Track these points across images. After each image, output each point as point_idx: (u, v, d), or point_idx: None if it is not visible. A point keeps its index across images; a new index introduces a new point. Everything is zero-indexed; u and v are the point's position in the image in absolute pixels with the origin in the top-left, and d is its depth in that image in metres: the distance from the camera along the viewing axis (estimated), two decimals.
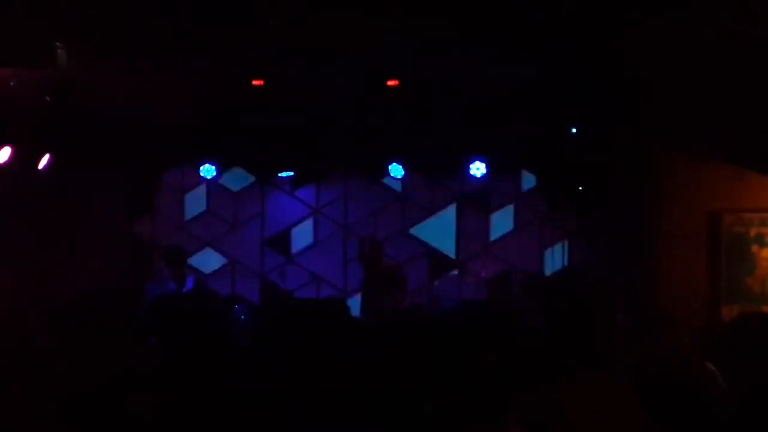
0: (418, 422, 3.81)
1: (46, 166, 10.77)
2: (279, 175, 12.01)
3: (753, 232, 9.49)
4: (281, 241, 12.53)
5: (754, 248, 9.47)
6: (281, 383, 4.22)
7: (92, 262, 10.95)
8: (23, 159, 10.38)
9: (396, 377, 4.20)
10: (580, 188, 10.77)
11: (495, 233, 12.14)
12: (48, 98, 10.07)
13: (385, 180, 12.01)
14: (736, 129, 9.12)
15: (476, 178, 11.28)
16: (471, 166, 11.15)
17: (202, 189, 12.37)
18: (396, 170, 11.34)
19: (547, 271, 11.68)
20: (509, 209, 12.12)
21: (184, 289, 9.91)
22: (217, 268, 12.38)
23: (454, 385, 3.96)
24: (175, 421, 4.13)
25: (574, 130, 10.45)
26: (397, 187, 12.20)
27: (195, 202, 12.44)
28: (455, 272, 12.11)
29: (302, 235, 12.54)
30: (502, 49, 9.06)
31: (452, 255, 12.20)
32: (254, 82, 10.17)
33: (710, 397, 5.58)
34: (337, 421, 4.03)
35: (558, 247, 11.62)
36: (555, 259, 11.65)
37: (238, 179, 12.27)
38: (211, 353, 4.51)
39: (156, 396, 4.18)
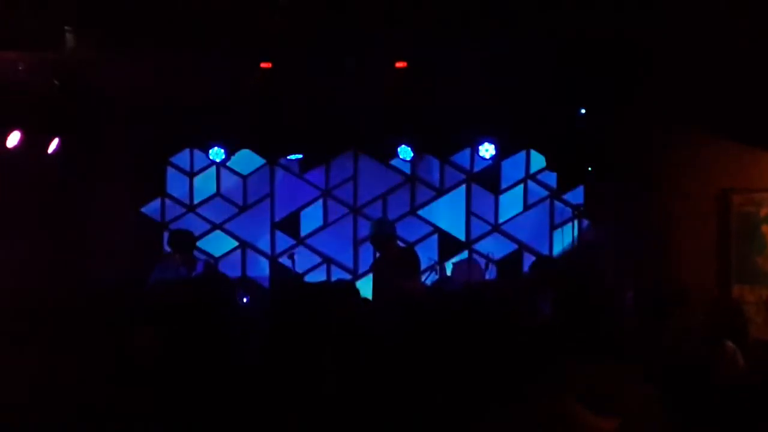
0: (428, 402, 3.82)
1: (55, 150, 10.80)
2: (288, 157, 11.99)
3: (763, 211, 9.43)
4: (291, 223, 12.51)
5: (764, 228, 9.42)
6: (291, 364, 4.23)
7: (101, 245, 10.98)
8: (32, 143, 10.40)
9: (406, 358, 4.21)
10: (589, 168, 10.75)
11: (505, 214, 12.12)
12: (56, 81, 10.07)
13: (394, 161, 12.00)
14: (744, 107, 9.06)
15: (485, 158, 11.28)
16: (480, 147, 11.16)
17: (211, 172, 12.35)
18: (405, 152, 11.32)
19: (557, 252, 11.66)
20: (519, 189, 12.09)
21: (194, 273, 9.91)
22: (227, 251, 12.38)
23: (463, 367, 3.97)
24: (182, 404, 4.14)
25: (582, 111, 10.43)
26: (407, 168, 12.18)
27: (204, 185, 12.42)
28: (465, 253, 12.09)
29: (312, 217, 12.51)
30: (508, 30, 9.04)
31: (462, 236, 12.17)
32: (262, 65, 10.15)
33: (732, 375, 5.55)
34: (347, 401, 4.04)
35: (567, 228, 11.59)
36: (565, 239, 11.63)
37: (247, 162, 12.25)
38: (220, 336, 4.52)
39: (163, 380, 4.20)
